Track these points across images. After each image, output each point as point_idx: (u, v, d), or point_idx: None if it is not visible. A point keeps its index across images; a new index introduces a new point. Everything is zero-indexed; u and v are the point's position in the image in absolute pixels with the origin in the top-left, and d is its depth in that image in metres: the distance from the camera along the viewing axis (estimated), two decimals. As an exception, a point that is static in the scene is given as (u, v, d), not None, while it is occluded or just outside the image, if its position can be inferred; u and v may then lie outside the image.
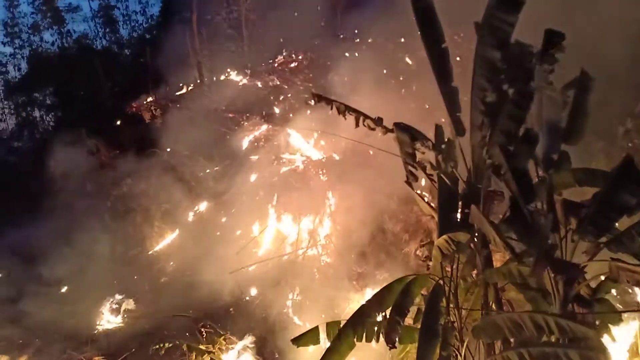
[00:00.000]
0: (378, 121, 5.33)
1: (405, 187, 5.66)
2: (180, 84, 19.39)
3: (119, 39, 28.84)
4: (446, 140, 5.31)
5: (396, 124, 5.23)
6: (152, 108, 17.60)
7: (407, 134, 5.15)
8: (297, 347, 6.10)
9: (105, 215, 15.36)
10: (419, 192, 5.90)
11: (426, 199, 5.92)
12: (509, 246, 4.06)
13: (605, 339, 4.60)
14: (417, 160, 5.26)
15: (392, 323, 4.70)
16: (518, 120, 4.54)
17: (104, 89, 22.74)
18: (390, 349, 4.64)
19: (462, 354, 4.94)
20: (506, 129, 4.60)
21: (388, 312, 5.27)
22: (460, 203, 5.14)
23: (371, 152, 11.99)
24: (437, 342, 4.59)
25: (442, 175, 5.14)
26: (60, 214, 14.89)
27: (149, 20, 29.86)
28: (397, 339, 4.65)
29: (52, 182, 16.16)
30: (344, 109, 5.51)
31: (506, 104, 4.60)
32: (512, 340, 4.73)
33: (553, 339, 4.30)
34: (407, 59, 14.91)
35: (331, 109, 5.62)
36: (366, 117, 5.42)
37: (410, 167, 5.29)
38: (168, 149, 16.02)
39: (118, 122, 18.92)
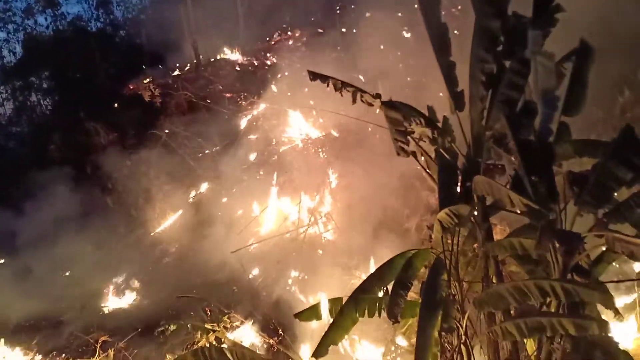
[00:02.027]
0: (376, 96, 5.30)
1: (404, 162, 5.67)
2: (177, 64, 19.27)
3: (113, 20, 28.54)
4: (444, 115, 5.30)
5: (385, 103, 5.20)
6: (151, 87, 17.50)
7: (398, 111, 5.13)
8: (300, 321, 6.19)
9: (106, 198, 15.41)
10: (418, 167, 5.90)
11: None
12: (524, 203, 4.02)
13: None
14: (409, 136, 5.25)
15: (394, 298, 4.73)
16: (518, 88, 4.52)
17: (100, 71, 22.57)
18: (393, 324, 4.68)
19: (463, 326, 4.99)
20: (507, 98, 4.59)
21: (390, 286, 5.32)
22: (460, 177, 5.14)
23: (370, 129, 11.99)
24: (438, 314, 4.63)
25: (441, 150, 5.14)
26: (61, 198, 14.90)
27: (143, 1, 29.56)
28: (399, 314, 4.67)
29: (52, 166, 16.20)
30: (341, 86, 5.47)
31: (506, 73, 4.58)
32: (512, 312, 4.79)
33: (553, 308, 4.35)
34: (405, 33, 14.79)
35: (327, 86, 5.57)
36: (363, 92, 5.38)
37: (400, 144, 5.29)
38: (167, 130, 15.99)
39: (116, 104, 18.83)
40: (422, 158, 5.65)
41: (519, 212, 4.29)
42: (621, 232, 3.99)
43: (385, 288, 5.43)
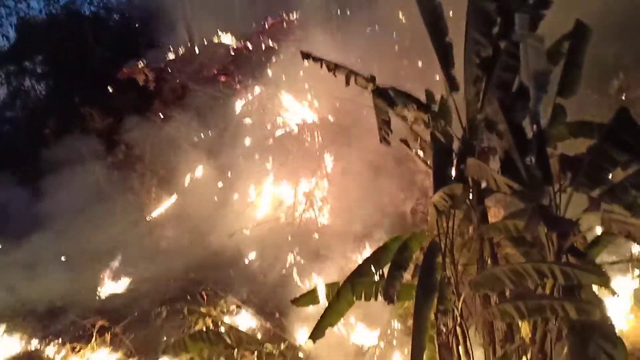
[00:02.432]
0: (370, 79, 5.26)
1: (399, 146, 5.65)
2: (171, 48, 19.12)
3: (107, 3, 28.27)
4: (441, 95, 5.27)
5: (373, 91, 5.17)
6: (145, 71, 17.38)
7: (385, 99, 5.09)
8: (297, 307, 6.22)
9: (102, 183, 15.36)
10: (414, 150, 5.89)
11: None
12: (510, 187, 4.04)
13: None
14: (405, 121, 5.24)
15: (390, 279, 4.74)
16: (513, 71, 4.49)
17: (94, 55, 22.38)
18: (388, 304, 4.70)
19: (459, 308, 5.02)
20: (501, 80, 4.56)
21: (385, 269, 5.34)
22: (454, 160, 5.13)
23: (365, 112, 11.94)
24: (434, 296, 4.64)
25: (435, 133, 5.11)
26: (57, 183, 14.85)
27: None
28: (395, 295, 4.68)
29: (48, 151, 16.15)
30: (334, 67, 5.42)
31: (500, 55, 4.54)
32: (507, 294, 4.81)
33: (547, 290, 4.36)
34: (401, 15, 14.67)
35: (321, 67, 5.53)
36: (357, 74, 5.34)
37: (384, 133, 5.29)
38: (161, 115, 15.90)
39: (110, 89, 18.72)
40: (417, 142, 5.63)
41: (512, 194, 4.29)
42: (618, 213, 3.99)
43: (381, 271, 5.45)
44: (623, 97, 10.69)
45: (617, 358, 3.81)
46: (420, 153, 5.53)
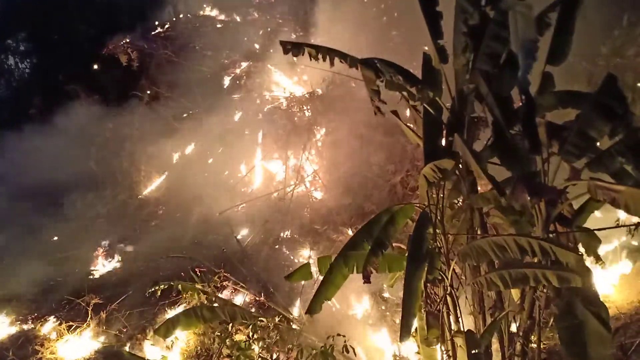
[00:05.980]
0: (353, 60, 5.20)
1: (389, 118, 5.64)
2: (156, 23, 18.78)
3: (90, -22, 27.69)
4: (432, 66, 5.23)
5: (362, 61, 5.12)
6: (129, 50, 17.09)
7: (372, 70, 5.04)
8: (291, 282, 6.24)
9: (90, 162, 15.22)
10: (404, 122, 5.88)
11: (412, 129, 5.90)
12: (488, 175, 4.09)
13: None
14: (398, 92, 5.22)
15: (369, 257, 4.74)
16: (502, 41, 4.47)
17: (79, 32, 21.97)
18: (364, 283, 4.72)
19: (449, 277, 5.08)
20: (491, 51, 4.53)
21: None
22: (444, 131, 5.14)
23: (354, 85, 11.89)
24: (424, 266, 4.69)
25: (424, 104, 5.10)
26: (45, 162, 14.70)
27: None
28: (371, 273, 4.68)
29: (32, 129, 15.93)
30: (316, 53, 5.36)
31: (489, 24, 4.52)
32: (496, 263, 4.87)
33: (535, 259, 4.42)
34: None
35: (302, 54, 5.48)
36: (342, 56, 5.28)
37: (376, 104, 5.26)
38: (148, 92, 15.72)
39: (95, 66, 18.42)
40: (408, 113, 5.62)
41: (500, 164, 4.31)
42: (603, 180, 4.03)
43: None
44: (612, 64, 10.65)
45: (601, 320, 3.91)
46: (412, 125, 5.53)
